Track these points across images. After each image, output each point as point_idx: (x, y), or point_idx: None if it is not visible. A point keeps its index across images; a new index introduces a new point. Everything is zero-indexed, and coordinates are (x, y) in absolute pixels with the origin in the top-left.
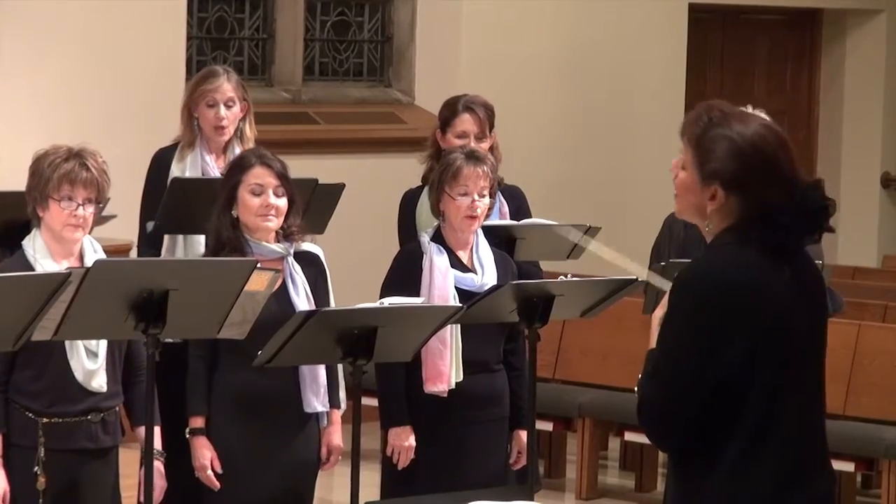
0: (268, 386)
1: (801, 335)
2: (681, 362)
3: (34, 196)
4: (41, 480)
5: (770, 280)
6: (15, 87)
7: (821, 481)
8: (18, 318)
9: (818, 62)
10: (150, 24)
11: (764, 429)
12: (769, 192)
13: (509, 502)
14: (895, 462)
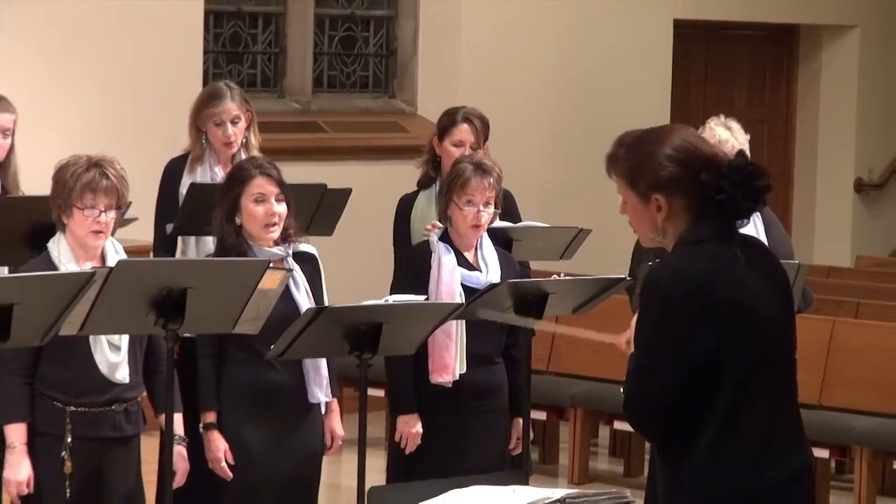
0: (275, 379)
1: (765, 320)
2: (657, 359)
3: (58, 204)
4: (68, 465)
5: (728, 271)
6: (38, 97)
7: (797, 458)
8: (46, 315)
9: (795, 74)
10: (168, 39)
11: (737, 412)
12: (700, 176)
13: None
14: (867, 449)
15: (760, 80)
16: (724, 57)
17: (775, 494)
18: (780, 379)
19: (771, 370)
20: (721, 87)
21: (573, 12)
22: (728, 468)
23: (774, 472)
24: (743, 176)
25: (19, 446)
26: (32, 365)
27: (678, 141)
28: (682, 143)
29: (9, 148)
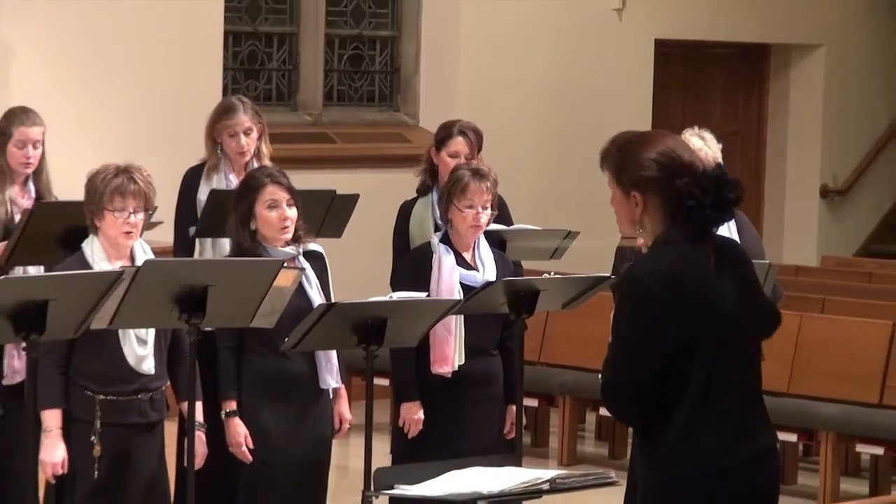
0: (289, 368)
1: (732, 315)
2: (630, 349)
3: (91, 209)
4: (97, 449)
5: (699, 270)
6: (73, 110)
7: (761, 440)
8: (78, 310)
9: (766, 90)
10: (191, 56)
11: (706, 398)
12: (676, 180)
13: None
14: (831, 433)
15: (734, 95)
16: (701, 73)
17: (740, 472)
18: (745, 369)
19: (737, 361)
20: (697, 101)
21: (563, 32)
22: (697, 448)
23: (739, 452)
24: (714, 186)
25: (55, 430)
26: (67, 356)
27: (662, 147)
28: (665, 149)
29: (40, 157)
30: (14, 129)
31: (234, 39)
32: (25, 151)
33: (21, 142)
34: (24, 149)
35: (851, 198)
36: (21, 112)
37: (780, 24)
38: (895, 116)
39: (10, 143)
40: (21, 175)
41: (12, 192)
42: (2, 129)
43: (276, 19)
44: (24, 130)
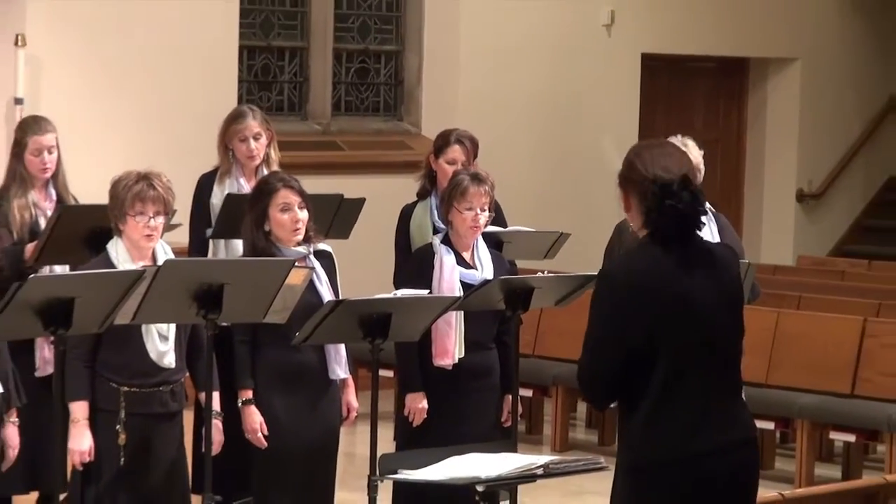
0: (300, 360)
1: (701, 312)
2: (599, 340)
3: (115, 213)
4: (122, 437)
5: (670, 270)
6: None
7: (734, 430)
8: (103, 307)
9: (745, 101)
10: (208, 69)
11: (670, 386)
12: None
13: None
14: (807, 422)
15: (715, 106)
16: (684, 85)
17: (699, 461)
18: (714, 362)
19: (705, 354)
20: (681, 111)
21: (556, 46)
22: (662, 433)
23: (700, 442)
24: (663, 193)
25: (82, 421)
26: (93, 351)
27: (657, 154)
28: (657, 157)
29: (56, 161)
30: (28, 139)
31: (249, 53)
32: (42, 158)
33: (37, 150)
34: (40, 156)
35: (825, 201)
36: (33, 122)
37: (758, 39)
38: (866, 125)
39: (26, 152)
40: (40, 180)
41: (34, 196)
42: (17, 139)
43: (287, 34)
44: (37, 139)
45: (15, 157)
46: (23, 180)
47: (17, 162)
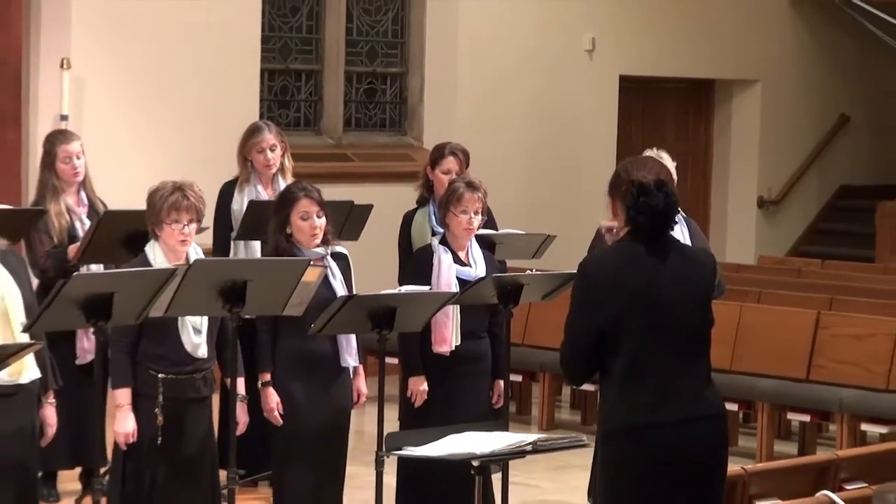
0: (316, 349)
1: (665, 302)
2: (574, 326)
3: (152, 220)
4: (159, 419)
5: (639, 263)
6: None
7: (697, 407)
8: (139, 301)
9: (712, 118)
10: (232, 90)
11: (636, 364)
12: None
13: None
14: (766, 404)
15: (685, 122)
16: (657, 104)
17: (661, 431)
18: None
19: (666, 337)
20: (655, 126)
21: (544, 69)
22: (629, 406)
23: (666, 413)
24: (640, 192)
25: (126, 406)
26: (134, 343)
27: (638, 164)
28: (638, 167)
29: (84, 166)
30: (58, 149)
31: (269, 75)
32: (73, 164)
33: (67, 157)
34: (70, 162)
35: (783, 207)
36: (59, 133)
37: (723, 62)
38: (819, 139)
39: (57, 161)
40: (73, 185)
41: (68, 201)
42: (46, 150)
43: (303, 59)
44: (66, 147)
45: (46, 168)
46: (55, 189)
47: (49, 172)
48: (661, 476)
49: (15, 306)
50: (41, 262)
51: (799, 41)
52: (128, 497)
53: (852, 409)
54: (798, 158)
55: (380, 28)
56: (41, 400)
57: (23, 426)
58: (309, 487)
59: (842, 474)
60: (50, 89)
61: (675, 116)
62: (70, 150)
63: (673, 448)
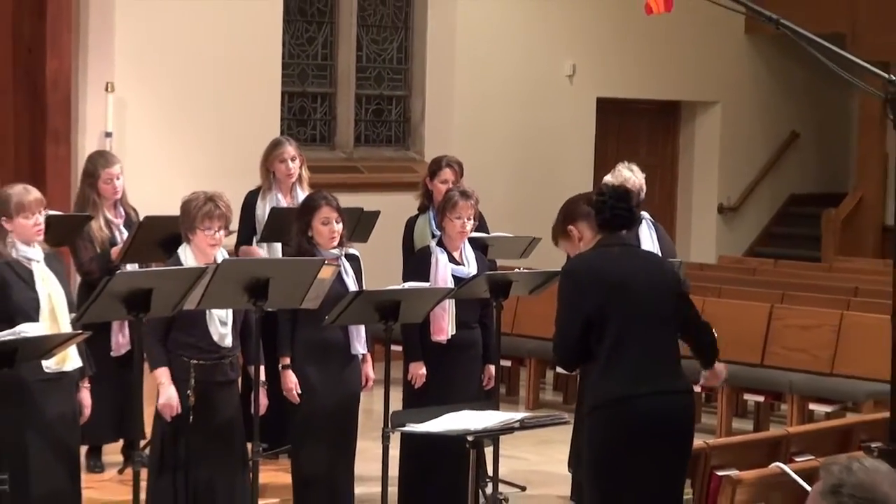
0: (330, 338)
1: (638, 294)
2: (565, 317)
3: (185, 226)
4: (192, 399)
5: (614, 262)
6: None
7: (668, 382)
8: (174, 295)
9: (678, 135)
10: (256, 111)
11: (617, 346)
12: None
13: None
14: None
15: (655, 138)
16: (630, 122)
17: (637, 401)
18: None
19: (642, 324)
20: (628, 142)
21: (530, 91)
22: (612, 380)
23: (640, 388)
24: (612, 196)
25: (166, 381)
26: (167, 332)
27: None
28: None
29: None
30: (101, 171)
31: (289, 97)
32: (113, 185)
33: (109, 178)
34: (111, 184)
35: (741, 213)
36: (100, 156)
37: (687, 86)
38: (772, 153)
39: (99, 182)
40: (111, 201)
41: (107, 215)
42: (89, 171)
43: (318, 82)
44: (109, 171)
45: (88, 186)
46: (95, 204)
47: (91, 190)
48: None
49: (60, 303)
50: (87, 266)
51: (753, 68)
52: (165, 467)
53: (801, 391)
54: (753, 170)
55: (386, 56)
56: (79, 385)
57: (67, 408)
58: (323, 459)
59: (792, 448)
60: (96, 110)
61: (645, 134)
62: (112, 173)
63: (649, 416)
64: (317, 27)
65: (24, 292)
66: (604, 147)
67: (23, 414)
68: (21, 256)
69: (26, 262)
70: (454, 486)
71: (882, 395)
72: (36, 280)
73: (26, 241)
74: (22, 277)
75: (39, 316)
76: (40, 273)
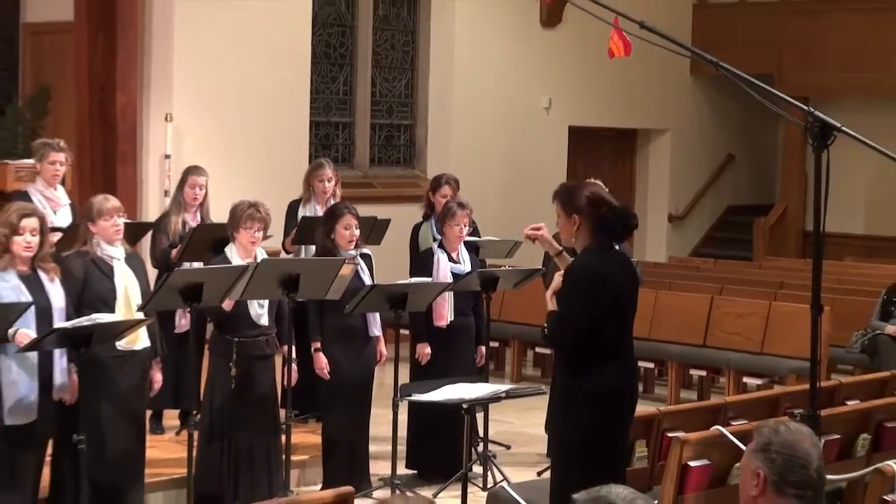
0: (351, 323)
1: (626, 294)
2: (570, 311)
3: (232, 226)
4: (234, 371)
5: (611, 267)
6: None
7: (634, 371)
8: (221, 288)
9: (635, 156)
10: (288, 136)
11: (614, 343)
12: (601, 211)
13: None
14: (675, 363)
15: (616, 160)
16: (596, 146)
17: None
18: (627, 324)
19: (627, 321)
20: (594, 163)
21: (514, 120)
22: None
23: (630, 372)
24: (623, 215)
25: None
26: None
27: (590, 190)
28: (593, 192)
29: (204, 194)
30: (189, 177)
31: (316, 126)
32: (194, 192)
33: (192, 185)
34: (193, 189)
35: (686, 221)
36: (194, 168)
37: (643, 117)
38: (712, 172)
39: (185, 185)
40: (192, 206)
41: (186, 216)
42: (182, 178)
43: (340, 114)
44: (194, 178)
45: (178, 188)
46: (179, 204)
47: (179, 192)
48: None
49: (135, 294)
50: (156, 255)
51: (696, 102)
52: (213, 429)
53: (737, 367)
54: (697, 185)
55: (396, 92)
56: (150, 363)
57: (135, 381)
58: (346, 423)
59: (729, 414)
60: (157, 136)
61: (608, 155)
62: (195, 181)
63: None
64: (339, 68)
65: (104, 284)
66: (574, 166)
67: (98, 385)
68: (104, 254)
69: (108, 259)
70: (452, 444)
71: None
72: (115, 274)
73: (108, 241)
74: (103, 272)
75: (116, 304)
76: (119, 269)
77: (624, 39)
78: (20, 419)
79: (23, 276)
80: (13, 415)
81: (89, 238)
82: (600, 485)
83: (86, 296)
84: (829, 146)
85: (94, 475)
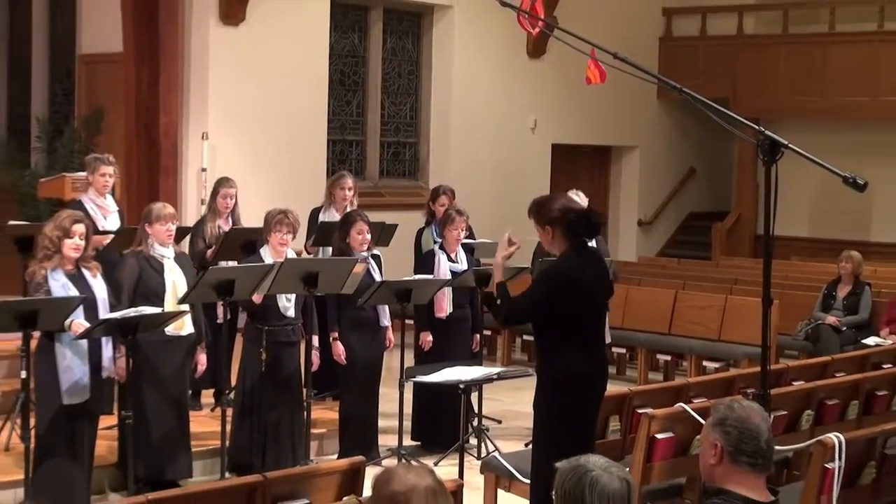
0: (364, 314)
1: (594, 291)
2: (532, 300)
3: (265, 230)
4: (264, 355)
5: (581, 267)
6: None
7: (603, 357)
8: (251, 284)
9: (609, 170)
10: (309, 152)
11: (584, 333)
12: (569, 216)
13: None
14: (643, 348)
15: (593, 173)
16: (575, 161)
17: (591, 375)
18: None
19: (594, 313)
20: (574, 175)
21: (505, 139)
22: (582, 359)
23: (599, 358)
24: (587, 217)
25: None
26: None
27: (562, 200)
28: (564, 202)
29: (234, 203)
30: (221, 188)
31: (332, 143)
32: (225, 201)
33: (223, 195)
34: (224, 199)
35: (654, 226)
36: (225, 179)
37: (616, 135)
38: (676, 183)
39: (218, 196)
40: (225, 213)
41: (220, 222)
42: (215, 188)
43: (354, 133)
44: (225, 189)
45: (212, 197)
46: (213, 212)
47: (213, 202)
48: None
49: (181, 288)
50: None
51: (662, 121)
52: (245, 406)
53: (697, 352)
54: (663, 195)
55: (402, 114)
56: (196, 347)
57: (180, 363)
58: (359, 400)
59: (691, 393)
60: (195, 152)
61: (586, 169)
62: (227, 192)
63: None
64: (352, 93)
65: (155, 279)
66: (557, 178)
67: (146, 366)
68: (156, 254)
69: (160, 257)
70: (451, 420)
71: (755, 356)
72: (165, 271)
73: (161, 242)
74: (155, 269)
75: (165, 297)
76: (169, 266)
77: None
78: (76, 398)
79: (69, 275)
80: (70, 395)
81: (144, 238)
82: (571, 454)
83: (140, 289)
84: (778, 160)
85: (144, 444)
